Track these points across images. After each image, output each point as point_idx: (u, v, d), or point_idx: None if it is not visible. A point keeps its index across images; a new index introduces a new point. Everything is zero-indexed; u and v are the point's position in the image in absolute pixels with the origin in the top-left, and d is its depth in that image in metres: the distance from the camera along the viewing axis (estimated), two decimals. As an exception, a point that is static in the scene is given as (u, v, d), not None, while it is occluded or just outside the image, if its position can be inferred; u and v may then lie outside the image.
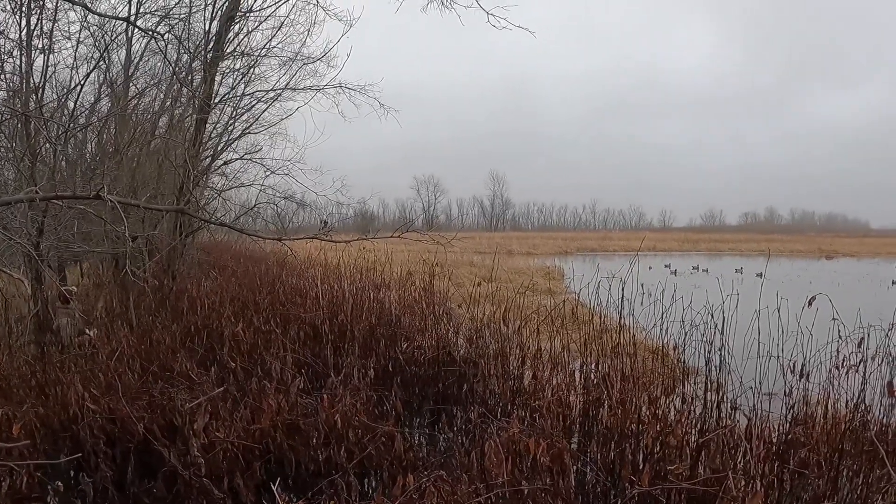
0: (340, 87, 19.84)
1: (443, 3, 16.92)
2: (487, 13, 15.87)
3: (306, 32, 19.82)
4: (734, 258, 69.43)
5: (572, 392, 7.55)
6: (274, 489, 5.14)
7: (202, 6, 17.73)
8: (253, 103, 20.70)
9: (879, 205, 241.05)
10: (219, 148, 21.26)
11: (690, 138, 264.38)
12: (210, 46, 17.86)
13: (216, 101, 19.02)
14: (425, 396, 8.73)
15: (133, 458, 6.68)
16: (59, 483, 6.82)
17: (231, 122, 21.01)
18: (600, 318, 8.40)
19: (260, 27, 19.10)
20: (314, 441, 6.61)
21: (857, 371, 6.90)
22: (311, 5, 19.12)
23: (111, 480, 6.60)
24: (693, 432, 6.70)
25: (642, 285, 8.73)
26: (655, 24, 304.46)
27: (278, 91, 20.19)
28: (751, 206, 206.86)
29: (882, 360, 6.95)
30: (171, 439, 6.63)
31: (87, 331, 11.96)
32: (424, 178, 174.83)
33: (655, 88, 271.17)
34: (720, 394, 7.08)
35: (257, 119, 21.38)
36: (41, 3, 14.06)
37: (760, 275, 14.07)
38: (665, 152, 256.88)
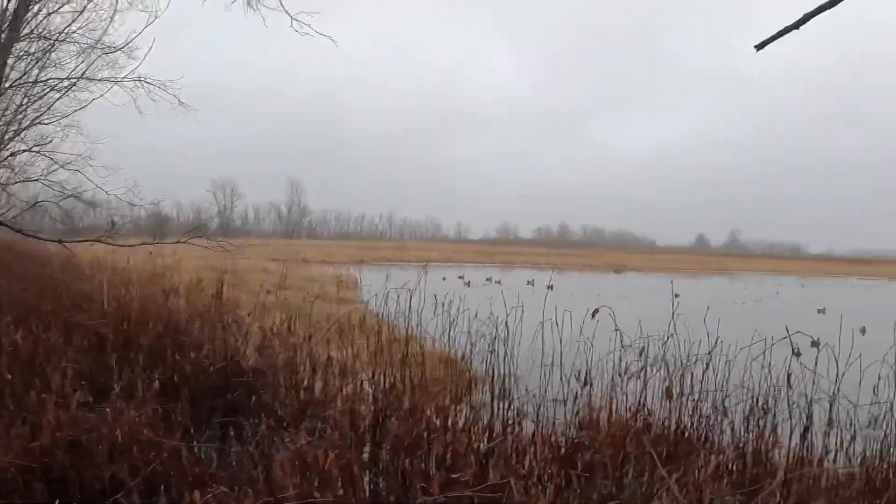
0: (140, 80, 19.04)
1: (248, 4, 16.61)
2: (291, 17, 15.70)
3: (109, 20, 18.81)
4: (527, 271, 71.19)
5: (362, 402, 7.58)
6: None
7: None
8: (46, 91, 19.78)
9: (664, 225, 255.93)
10: (6, 137, 20.23)
11: (487, 156, 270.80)
12: (5, 26, 16.93)
13: (6, 85, 18.01)
14: (214, 408, 8.54)
15: None
16: None
17: (21, 109, 20.03)
18: (389, 327, 8.46)
19: (60, 10, 18.31)
20: (98, 458, 6.37)
21: (638, 378, 7.26)
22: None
23: None
24: (482, 439, 6.84)
25: (434, 296, 8.87)
26: (458, 44, 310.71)
27: (74, 80, 19.33)
28: (544, 222, 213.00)
29: (661, 366, 7.35)
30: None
31: None
32: (222, 182, 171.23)
33: (455, 106, 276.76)
34: (507, 401, 7.27)
35: (49, 108, 20.46)
36: None
37: (551, 287, 14.46)
38: (463, 168, 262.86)
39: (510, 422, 7.15)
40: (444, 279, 37.42)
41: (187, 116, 20.11)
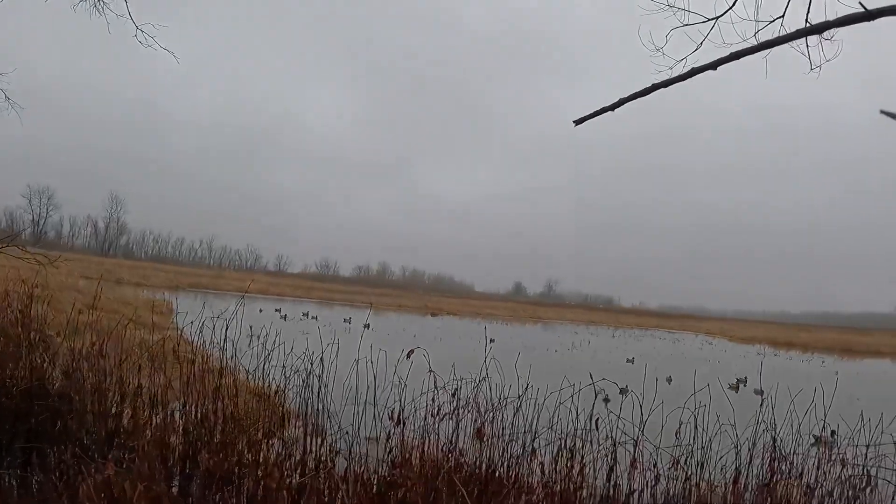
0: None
1: (94, 6, 16.13)
2: (137, 27, 15.34)
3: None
4: (345, 308, 71.21)
5: (173, 433, 7.44)
6: None
7: None
8: None
9: (483, 271, 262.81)
10: None
11: (311, 192, 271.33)
12: None
13: None
14: (16, 433, 8.20)
15: None
16: None
17: None
18: (203, 357, 8.33)
19: None
20: None
21: (450, 418, 7.39)
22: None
23: None
24: (295, 475, 6.83)
25: (251, 327, 8.81)
26: (291, 78, 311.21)
27: None
28: (364, 261, 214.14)
29: (472, 407, 7.51)
30: None
31: None
32: (39, 188, 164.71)
33: (282, 139, 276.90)
34: (321, 437, 7.28)
35: None
36: None
37: (367, 326, 14.53)
38: (286, 202, 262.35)
39: (323, 458, 7.17)
40: (260, 311, 37.06)
41: (10, 113, 19.35)
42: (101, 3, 15.61)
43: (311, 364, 8.01)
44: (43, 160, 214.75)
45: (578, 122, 4.92)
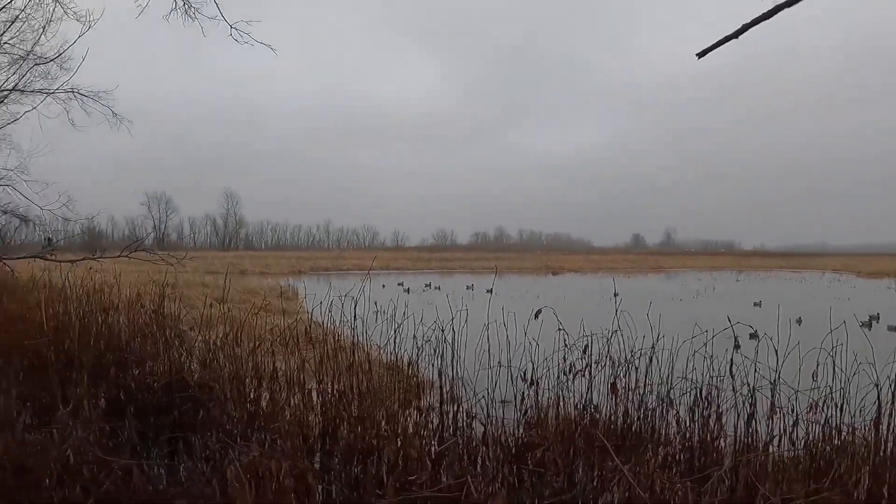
0: (73, 92, 18.81)
1: (186, 13, 16.48)
2: (231, 26, 15.62)
3: (41, 30, 18.51)
4: (465, 275, 71.37)
5: (311, 412, 7.56)
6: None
7: None
8: (-24, 104, 19.34)
9: (600, 226, 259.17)
10: (-65, 152, 19.74)
11: (415, 164, 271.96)
12: None
13: (-65, 98, 17.65)
14: (161, 425, 8.45)
15: None
16: None
17: (-50, 123, 19.59)
18: (334, 336, 8.44)
19: (-8, 19, 17.99)
20: (47, 481, 6.27)
21: (583, 375, 7.34)
22: (49, 1, 18.12)
23: None
24: (433, 442, 6.88)
25: (376, 303, 8.87)
26: (381, 58, 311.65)
27: (5, 92, 18.91)
28: (481, 227, 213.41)
29: (605, 363, 7.43)
30: None
31: None
32: (156, 195, 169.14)
33: (382, 117, 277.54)
34: (456, 404, 7.31)
35: (-22, 122, 19.99)
36: None
37: (490, 291, 14.49)
38: (395, 176, 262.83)
39: (460, 424, 7.19)
40: (383, 286, 37.36)
41: (121, 129, 19.91)
42: (192, 9, 15.93)
43: (442, 332, 8.04)
44: (156, 169, 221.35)
45: (701, 54, 4.78)
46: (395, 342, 8.31)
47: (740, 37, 4.71)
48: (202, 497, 5.81)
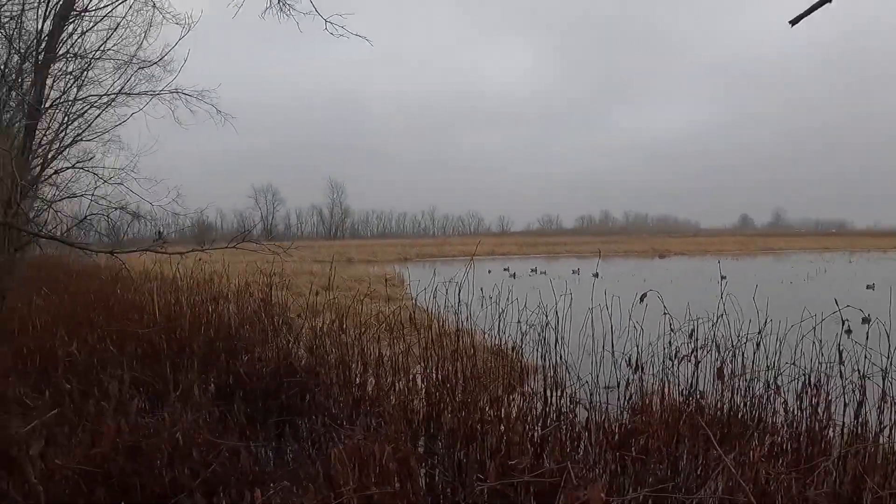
0: (177, 92, 19.32)
1: (281, 10, 16.77)
2: (325, 20, 15.84)
3: (143, 35, 19.11)
4: (571, 259, 70.94)
5: (416, 397, 7.62)
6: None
7: (35, 3, 17.17)
8: (85, 108, 19.91)
9: (706, 207, 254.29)
10: (49, 156, 20.33)
11: (517, 148, 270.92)
12: (42, 47, 17.21)
13: (47, 105, 18.24)
14: (269, 409, 8.62)
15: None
16: None
17: (62, 128, 20.17)
18: (438, 322, 8.48)
19: (95, 28, 18.52)
20: (158, 462, 6.46)
21: (688, 360, 7.23)
22: (149, 7, 18.62)
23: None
24: (536, 428, 6.87)
25: (481, 288, 8.88)
26: (476, 43, 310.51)
27: (112, 96, 19.44)
28: (586, 210, 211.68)
29: (711, 348, 7.30)
30: (7, 470, 6.37)
31: None
32: (262, 187, 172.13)
33: (481, 101, 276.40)
34: (560, 389, 7.28)
35: (90, 125, 20.62)
36: None
37: (596, 275, 14.39)
38: (497, 161, 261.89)
39: (564, 409, 7.17)
40: (489, 272, 37.44)
41: (226, 125, 20.32)
42: (287, 6, 16.17)
43: (546, 317, 8.01)
44: (262, 163, 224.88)
45: (794, 21, 4.66)
46: (499, 327, 8.32)
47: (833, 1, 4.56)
48: (307, 478, 5.91)
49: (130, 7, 19.07)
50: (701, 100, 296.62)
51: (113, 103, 19.81)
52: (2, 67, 17.35)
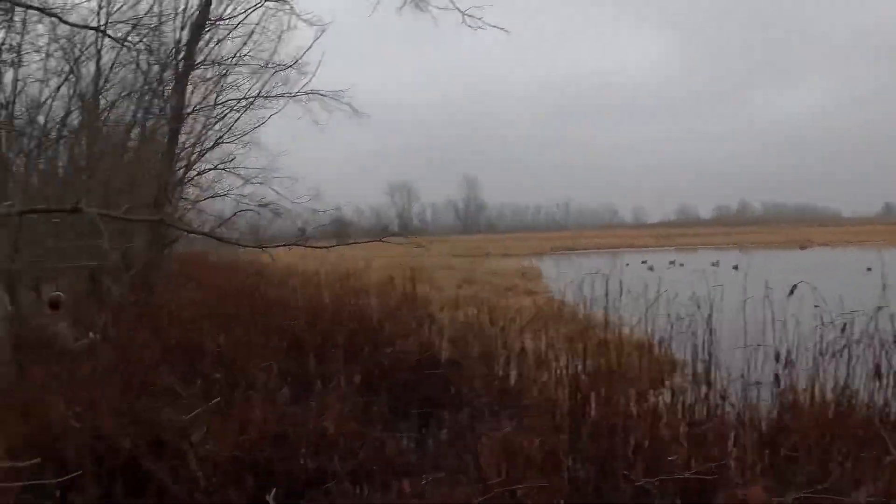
0: (313, 93, 19.74)
1: (417, 6, 16.93)
2: (463, 13, 15.90)
3: (277, 39, 19.67)
4: (708, 251, 69.69)
5: (559, 389, 7.53)
6: (269, 500, 5.11)
7: (172, 15, 17.82)
8: (225, 112, 20.56)
9: (846, 195, 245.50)
10: (192, 158, 20.98)
11: (651, 137, 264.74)
12: (181, 56, 17.90)
13: (188, 110, 18.90)
14: (412, 400, 8.68)
15: (120, 476, 6.59)
16: None
17: (204, 131, 20.80)
18: (582, 315, 8.38)
19: (231, 35, 19.09)
20: (304, 450, 6.57)
21: (841, 356, 6.91)
22: (283, 12, 19.05)
23: (99, 499, 6.51)
24: (682, 424, 6.70)
25: (620, 281, 8.74)
26: (605, 32, 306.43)
27: (250, 99, 20.11)
28: (723, 200, 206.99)
29: (867, 344, 6.95)
30: (158, 455, 6.56)
31: (90, 334, 11.75)
32: (398, 183, 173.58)
33: (612, 92, 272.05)
34: (707, 384, 7.09)
35: (230, 128, 21.15)
36: (9, 17, 14.04)
37: (736, 267, 14.04)
38: (631, 151, 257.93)
39: (711, 405, 6.97)
40: (626, 264, 36.94)
41: (361, 124, 20.62)
42: (424, 2, 16.27)
43: (694, 310, 7.80)
44: (397, 159, 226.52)
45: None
46: (644, 320, 8.16)
47: None
48: (453, 469, 5.91)
49: (264, 13, 19.55)
50: (835, 77, 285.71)
51: (251, 106, 20.47)
52: (144, 77, 17.96)
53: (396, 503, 5.16)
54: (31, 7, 13.47)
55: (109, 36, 13.73)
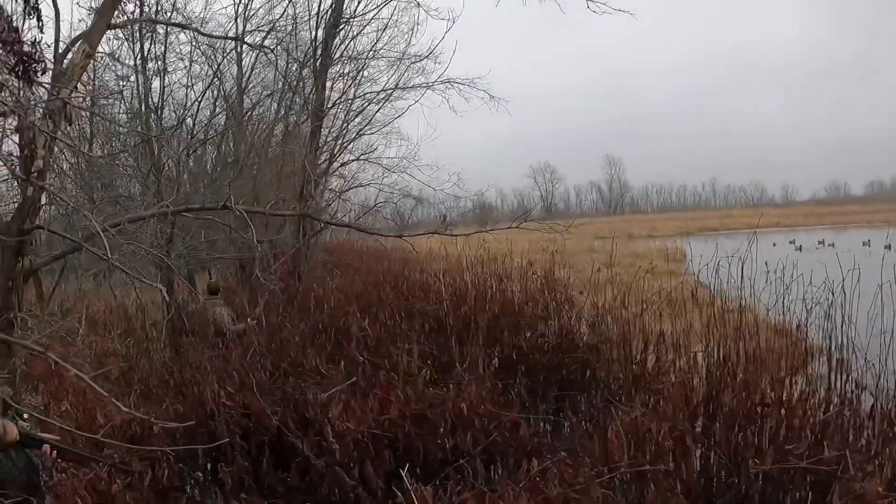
0: (449, 82, 19.95)
1: (542, -7, 17.01)
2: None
3: (410, 32, 19.94)
4: (862, 230, 67.40)
5: (695, 375, 7.53)
6: (403, 475, 5.31)
7: (307, 17, 18.56)
8: (364, 105, 20.94)
9: None
10: (335, 151, 21.61)
11: (797, 110, 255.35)
12: (318, 54, 18.52)
13: (328, 106, 19.47)
14: (549, 383, 8.80)
15: (267, 450, 6.94)
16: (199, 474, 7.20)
17: (344, 125, 21.32)
18: (721, 299, 8.32)
19: (364, 31, 19.53)
20: (441, 430, 6.80)
21: None
22: (413, 6, 19.37)
23: (247, 471, 6.87)
24: (818, 413, 6.57)
25: (766, 263, 8.62)
26: (740, 5, 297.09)
27: (388, 91, 20.44)
28: (876, 175, 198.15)
29: None
30: (303, 431, 6.89)
31: (248, 319, 12.27)
32: (540, 167, 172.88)
33: (753, 66, 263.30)
34: (845, 373, 6.96)
35: (370, 120, 21.62)
36: (153, 28, 14.79)
37: (888, 247, 13.59)
38: (777, 125, 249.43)
39: (848, 395, 6.82)
40: (773, 245, 36.14)
41: (499, 109, 20.81)
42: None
43: (833, 294, 7.62)
44: (538, 143, 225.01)
45: None
46: (783, 304, 8.01)
47: None
48: (583, 452, 6.01)
49: (395, 8, 19.90)
50: None
51: (389, 98, 20.87)
52: (284, 76, 18.86)
53: (520, 482, 5.27)
54: (172, 24, 14.28)
55: (247, 44, 14.55)
